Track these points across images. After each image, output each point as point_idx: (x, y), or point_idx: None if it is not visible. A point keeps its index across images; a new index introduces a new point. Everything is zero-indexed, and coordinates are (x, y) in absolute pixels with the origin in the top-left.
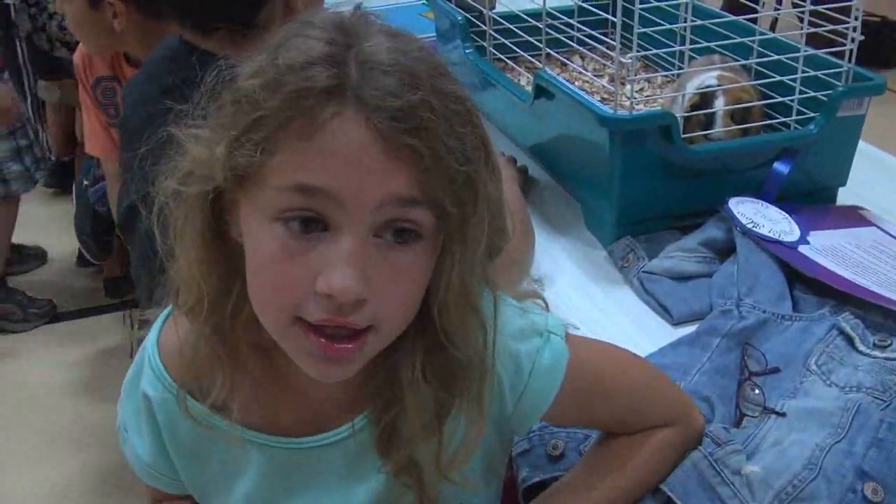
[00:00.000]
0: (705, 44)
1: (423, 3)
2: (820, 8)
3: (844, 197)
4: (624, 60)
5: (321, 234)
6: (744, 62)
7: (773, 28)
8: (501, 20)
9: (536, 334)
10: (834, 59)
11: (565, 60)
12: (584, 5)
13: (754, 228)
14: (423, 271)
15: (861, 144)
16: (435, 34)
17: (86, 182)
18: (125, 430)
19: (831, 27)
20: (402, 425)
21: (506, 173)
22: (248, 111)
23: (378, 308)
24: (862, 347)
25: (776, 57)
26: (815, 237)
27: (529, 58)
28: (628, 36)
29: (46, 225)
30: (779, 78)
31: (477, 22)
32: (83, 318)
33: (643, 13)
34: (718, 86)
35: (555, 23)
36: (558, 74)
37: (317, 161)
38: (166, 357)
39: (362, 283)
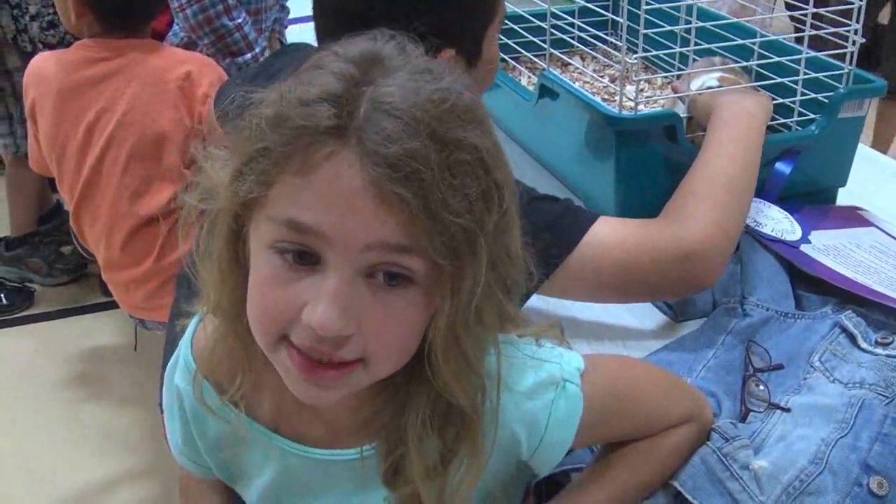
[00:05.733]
0: (706, 45)
1: None
2: (822, 11)
3: (844, 197)
4: (630, 61)
5: (313, 266)
6: (745, 64)
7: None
8: (504, 20)
9: (551, 387)
10: (834, 62)
11: (567, 60)
12: (588, 5)
13: (757, 227)
14: (415, 316)
15: (859, 146)
16: None
17: None
18: (163, 412)
19: (833, 30)
20: (408, 465)
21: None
22: (254, 140)
23: (366, 345)
24: (864, 345)
25: (777, 59)
26: (817, 236)
27: (532, 57)
28: (631, 37)
29: None
30: (780, 80)
31: None
32: (78, 315)
33: (645, 14)
34: (720, 87)
35: (557, 23)
36: (560, 74)
37: (309, 198)
38: (197, 352)
39: (344, 320)
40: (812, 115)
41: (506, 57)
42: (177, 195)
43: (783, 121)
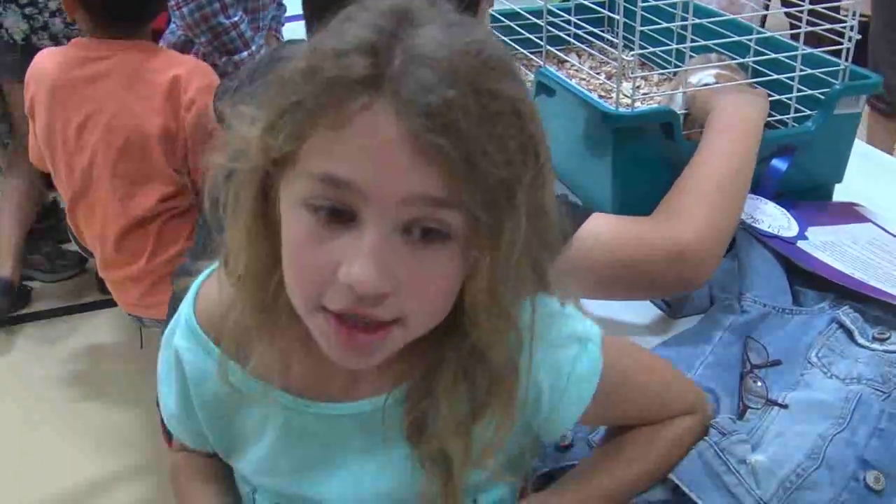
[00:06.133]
0: (703, 42)
1: None
2: (818, 7)
3: (840, 193)
4: (627, 58)
5: (348, 223)
6: (741, 60)
7: (762, 26)
8: (501, 17)
9: (576, 342)
10: (831, 58)
11: (563, 57)
12: (585, 2)
13: (754, 224)
14: (452, 272)
15: (855, 142)
16: None
17: None
18: (160, 379)
19: (828, 26)
20: (435, 420)
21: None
22: (286, 94)
23: (403, 305)
24: (861, 340)
25: (773, 55)
26: (814, 233)
27: (528, 54)
28: (627, 34)
29: None
30: (776, 76)
31: None
32: (76, 313)
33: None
34: (716, 84)
35: (554, 20)
36: (556, 71)
37: (344, 152)
38: (202, 314)
39: (382, 277)
40: (808, 112)
41: None
42: (165, 196)
43: (780, 117)
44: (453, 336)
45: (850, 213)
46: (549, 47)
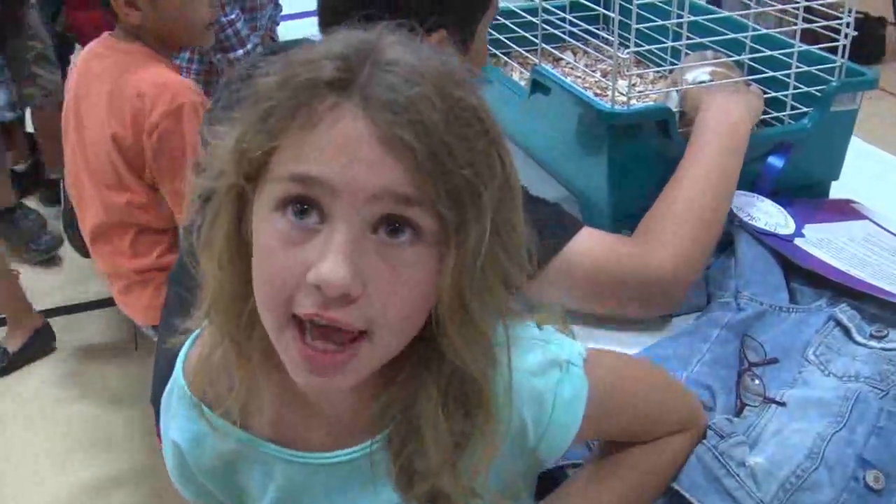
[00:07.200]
0: (698, 39)
1: None
2: (814, 4)
3: (837, 190)
4: (622, 56)
5: (318, 225)
6: (737, 58)
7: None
8: (496, 15)
9: (556, 367)
10: (827, 55)
11: (559, 55)
12: (580, 0)
13: (750, 222)
14: (423, 277)
15: (852, 139)
16: None
17: None
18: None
19: (824, 23)
20: (423, 459)
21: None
22: (260, 104)
23: (372, 311)
24: (858, 338)
25: (769, 52)
26: (810, 230)
27: (524, 52)
28: (623, 32)
29: None
30: (772, 73)
31: None
32: (71, 313)
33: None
34: (712, 81)
35: (549, 17)
36: (551, 69)
37: (314, 151)
38: (189, 376)
39: (351, 274)
40: (805, 109)
41: (497, 52)
42: (134, 202)
43: (776, 115)
44: (430, 362)
45: (847, 211)
46: (544, 45)
